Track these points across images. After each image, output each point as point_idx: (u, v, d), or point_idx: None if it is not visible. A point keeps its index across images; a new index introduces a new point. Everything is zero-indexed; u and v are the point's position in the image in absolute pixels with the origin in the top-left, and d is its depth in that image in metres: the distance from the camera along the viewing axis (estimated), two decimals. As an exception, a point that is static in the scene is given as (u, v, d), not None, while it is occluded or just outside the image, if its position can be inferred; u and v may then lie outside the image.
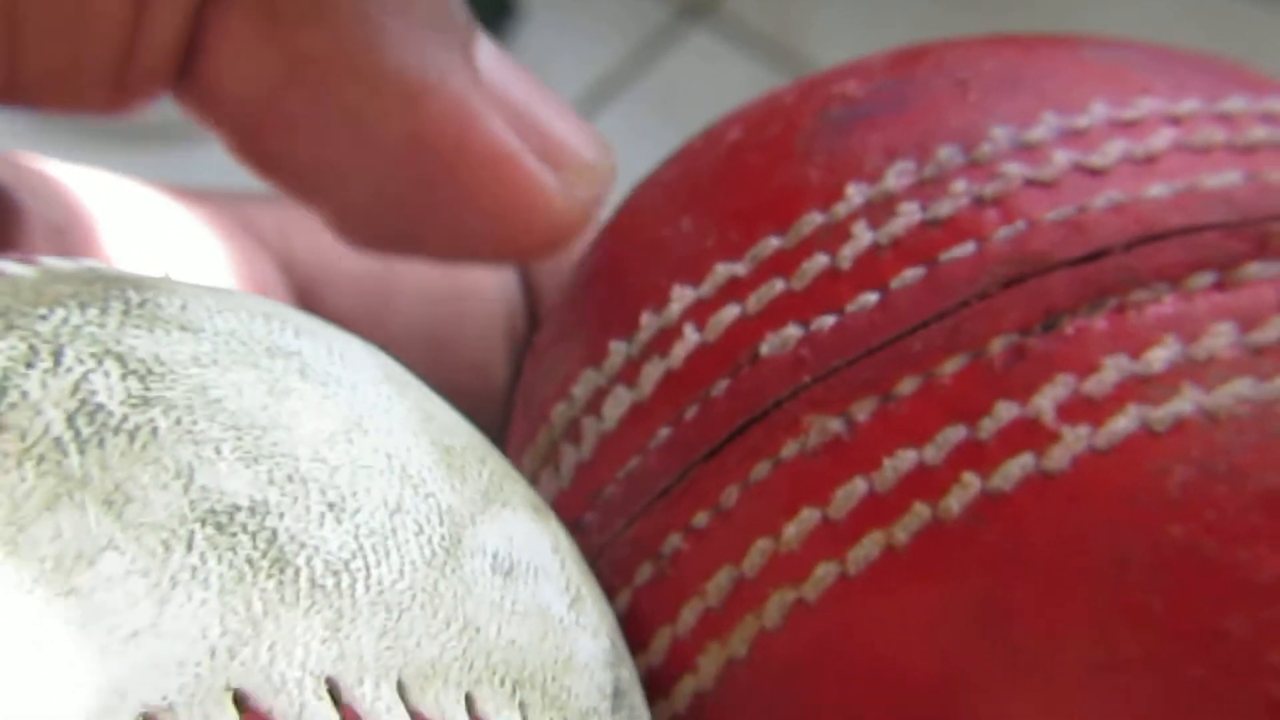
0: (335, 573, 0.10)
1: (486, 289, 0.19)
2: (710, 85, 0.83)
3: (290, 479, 0.11)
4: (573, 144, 0.15)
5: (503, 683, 0.11)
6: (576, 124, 0.15)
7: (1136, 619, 0.12)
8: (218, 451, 0.11)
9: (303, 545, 0.10)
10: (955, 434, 0.13)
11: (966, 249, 0.13)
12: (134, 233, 0.17)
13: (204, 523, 0.10)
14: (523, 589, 0.12)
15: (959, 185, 0.13)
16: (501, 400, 0.19)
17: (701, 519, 0.14)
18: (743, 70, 0.84)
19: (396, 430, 0.12)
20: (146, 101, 0.14)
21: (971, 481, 0.13)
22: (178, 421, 0.11)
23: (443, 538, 0.11)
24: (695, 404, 0.14)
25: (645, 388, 0.14)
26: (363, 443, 0.11)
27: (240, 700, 0.10)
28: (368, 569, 0.11)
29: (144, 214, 0.17)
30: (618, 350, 0.15)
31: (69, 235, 0.16)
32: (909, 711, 0.13)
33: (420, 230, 0.15)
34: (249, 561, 0.10)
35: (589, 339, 0.15)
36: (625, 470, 0.14)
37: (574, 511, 0.15)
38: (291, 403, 0.11)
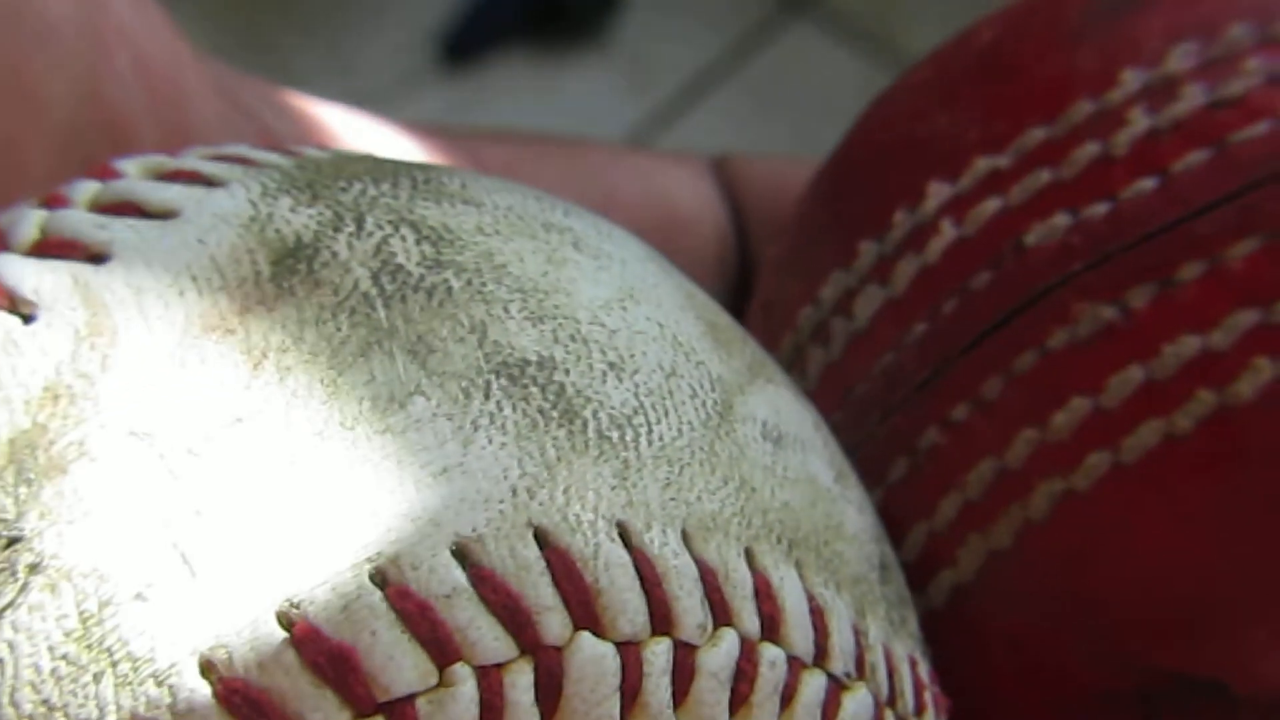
0: (619, 426, 0.11)
1: (699, 221, 0.19)
2: (810, 78, 0.83)
3: (573, 338, 0.11)
4: None
5: (779, 540, 0.11)
6: None
7: None
8: (506, 311, 0.11)
9: (588, 399, 0.11)
10: (1246, 318, 0.12)
11: (1260, 129, 0.13)
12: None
13: (498, 374, 0.10)
14: (792, 457, 0.12)
15: (1252, 63, 0.13)
16: None
17: (961, 412, 0.14)
18: (843, 64, 0.83)
19: (665, 303, 0.12)
20: None
21: (1265, 366, 0.12)
22: (468, 283, 0.11)
23: (715, 403, 0.11)
24: (954, 297, 0.14)
25: (899, 285, 0.14)
26: (635, 311, 0.12)
27: (540, 537, 0.10)
28: (649, 425, 0.11)
29: (374, 143, 0.17)
30: (868, 250, 0.14)
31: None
32: (1189, 603, 0.13)
33: None
34: (540, 411, 0.10)
35: (837, 242, 0.15)
36: (878, 367, 0.14)
37: (823, 412, 0.15)
38: (569, 270, 0.12)
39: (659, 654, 0.10)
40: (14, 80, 0.13)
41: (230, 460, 0.10)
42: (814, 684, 0.11)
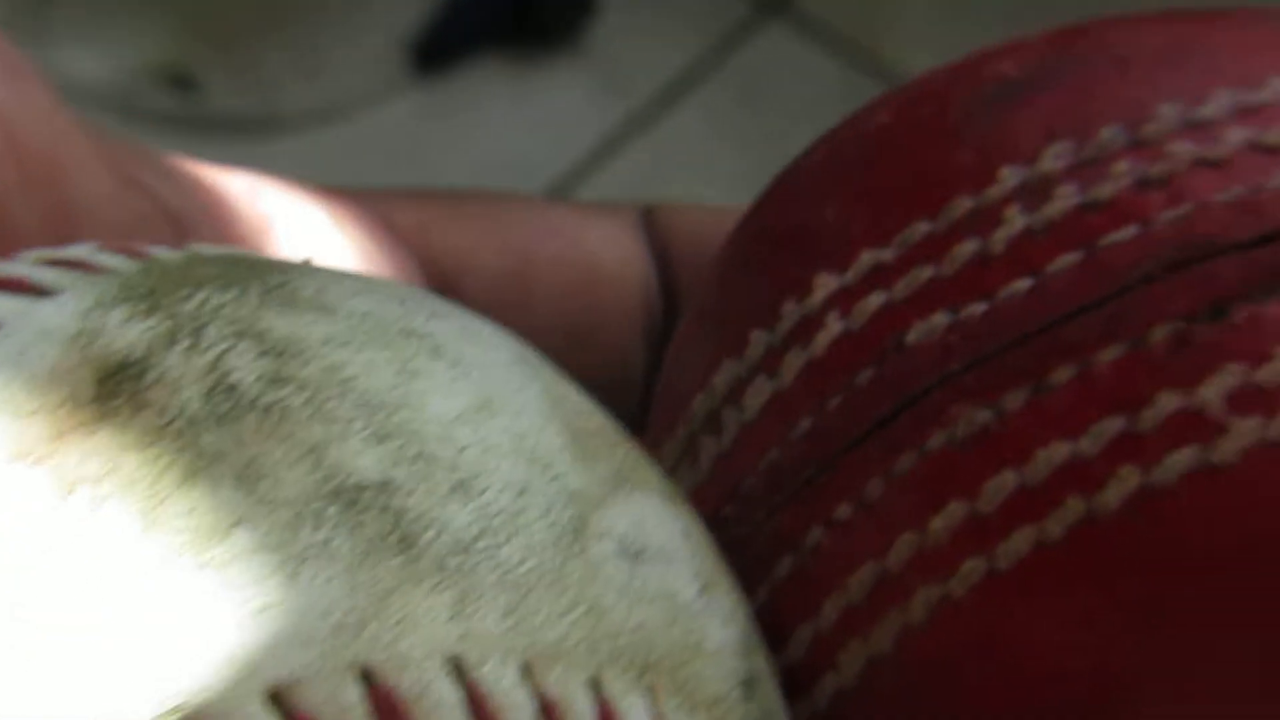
0: (461, 552, 0.10)
1: (623, 278, 0.19)
2: (788, 81, 0.83)
3: (418, 458, 0.11)
4: None
5: (629, 666, 0.11)
6: None
7: None
8: (347, 429, 0.11)
9: (429, 524, 0.10)
10: (1113, 425, 0.12)
11: (1128, 232, 0.12)
12: (267, 228, 0.17)
13: (332, 500, 0.10)
14: (651, 573, 0.11)
15: (1121, 166, 0.13)
16: (639, 390, 0.18)
17: (844, 511, 0.13)
18: (820, 66, 0.83)
19: (526, 412, 0.12)
20: None
21: (1130, 475, 0.12)
22: (309, 400, 0.11)
23: (570, 519, 0.11)
24: (838, 394, 0.14)
25: (787, 377, 0.14)
26: (491, 424, 0.11)
27: (366, 676, 0.10)
28: (493, 549, 0.11)
29: (280, 211, 0.17)
30: (759, 340, 0.14)
31: (194, 225, 0.16)
32: (1058, 713, 0.12)
33: None
34: (376, 538, 0.10)
35: (730, 329, 0.15)
36: (766, 461, 0.14)
37: (713, 504, 0.14)
38: (421, 383, 0.11)
39: None
40: None
41: (32, 599, 0.09)
42: (663, 814, 0.11)
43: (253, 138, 0.77)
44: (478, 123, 0.80)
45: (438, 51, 0.80)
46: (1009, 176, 0.13)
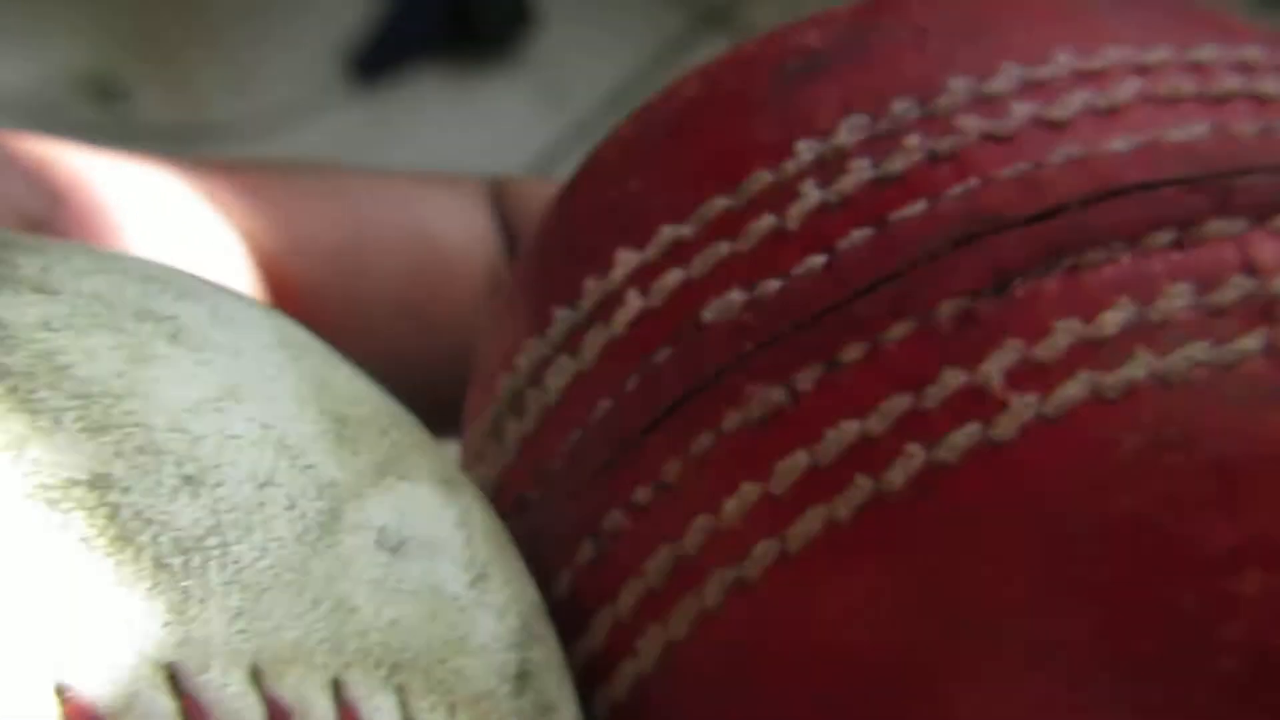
0: (185, 551, 0.10)
1: (467, 256, 0.18)
2: (727, 95, 0.83)
3: (141, 450, 0.10)
4: None
5: (378, 665, 0.10)
6: None
7: (1083, 593, 0.11)
8: (57, 422, 0.10)
9: (149, 522, 0.10)
10: (900, 403, 0.12)
11: (917, 208, 0.12)
12: (60, 199, 0.16)
13: (32, 498, 0.09)
14: (412, 566, 0.11)
15: (913, 140, 0.13)
16: None
17: (642, 495, 0.13)
18: (759, 79, 0.83)
19: (280, 398, 0.11)
20: None
21: (916, 453, 0.12)
22: (13, 390, 0.10)
23: (319, 512, 0.11)
24: (637, 373, 0.13)
25: (588, 356, 0.14)
26: (235, 412, 0.11)
27: (61, 690, 0.09)
28: (225, 546, 0.10)
29: (77, 180, 0.16)
30: (562, 318, 0.14)
31: None
32: (853, 694, 0.12)
33: None
34: (83, 540, 0.09)
35: (534, 306, 0.14)
36: (568, 443, 0.14)
37: (519, 488, 0.14)
38: (154, 369, 0.11)
39: None
40: None
41: None
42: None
43: (184, 150, 0.76)
44: (416, 134, 0.79)
45: (376, 62, 0.80)
46: (805, 151, 0.13)
